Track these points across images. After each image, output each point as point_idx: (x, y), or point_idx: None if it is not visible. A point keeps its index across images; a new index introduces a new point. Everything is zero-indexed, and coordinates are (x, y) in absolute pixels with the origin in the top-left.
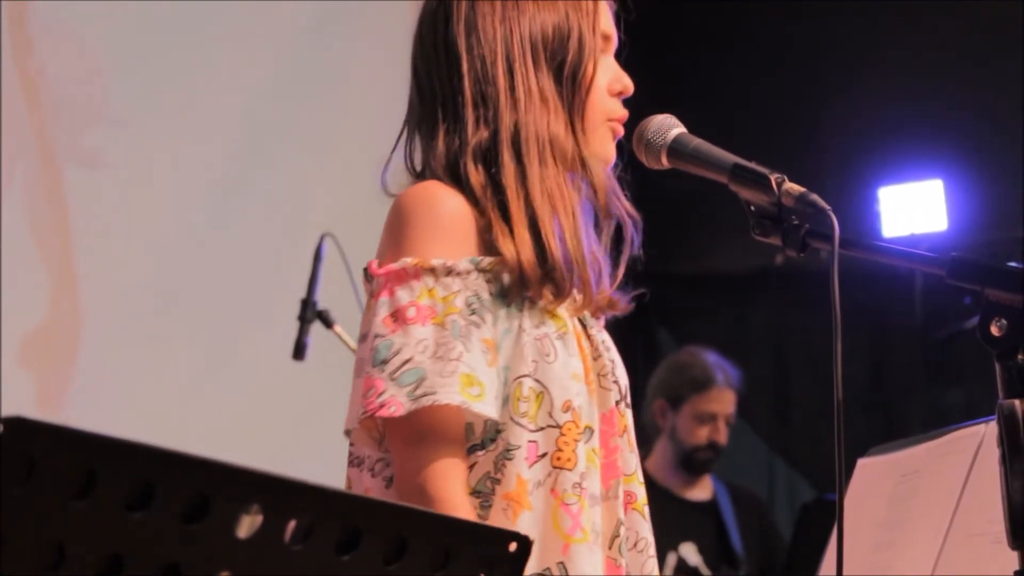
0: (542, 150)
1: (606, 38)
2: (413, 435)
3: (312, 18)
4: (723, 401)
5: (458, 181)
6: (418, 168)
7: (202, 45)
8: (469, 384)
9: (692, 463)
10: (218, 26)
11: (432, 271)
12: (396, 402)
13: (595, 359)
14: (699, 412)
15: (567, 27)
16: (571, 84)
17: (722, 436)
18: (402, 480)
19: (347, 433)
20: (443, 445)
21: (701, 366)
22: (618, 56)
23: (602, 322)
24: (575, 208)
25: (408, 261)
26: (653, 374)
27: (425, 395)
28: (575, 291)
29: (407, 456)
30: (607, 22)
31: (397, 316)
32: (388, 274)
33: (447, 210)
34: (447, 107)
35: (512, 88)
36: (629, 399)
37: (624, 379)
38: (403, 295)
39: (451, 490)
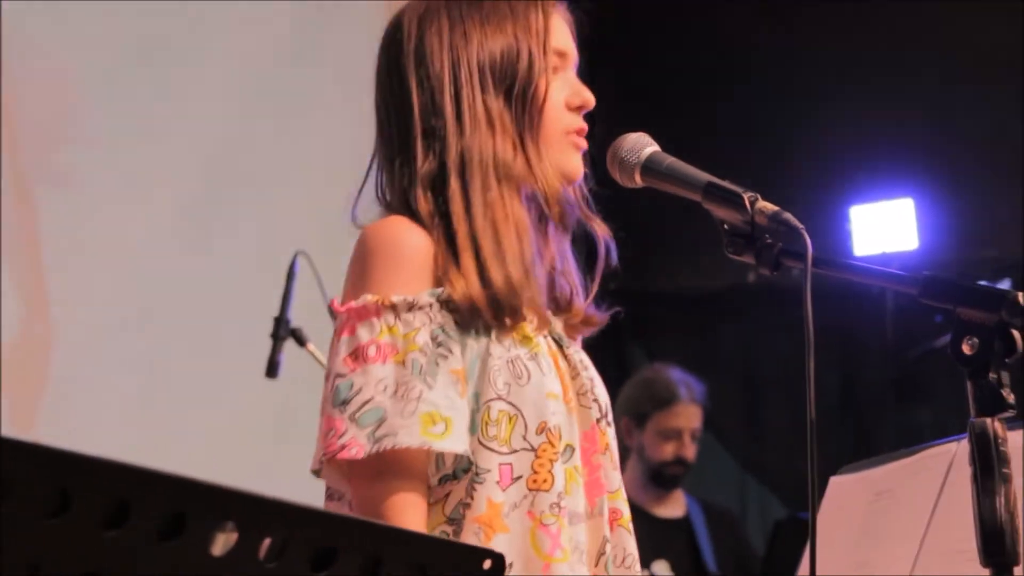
0: (485, 174)
1: (561, 55)
2: (373, 473)
3: (284, 39)
4: (687, 416)
5: (411, 211)
6: (388, 198)
7: (174, 65)
8: (431, 423)
9: (662, 478)
10: (190, 46)
11: (393, 308)
12: (357, 443)
13: (573, 378)
14: (663, 428)
15: (515, 49)
16: (521, 103)
17: (689, 451)
18: (361, 514)
19: (315, 473)
20: (402, 481)
21: (664, 382)
22: (585, 74)
23: (579, 342)
24: (521, 229)
25: (368, 298)
26: (620, 393)
27: (386, 436)
28: (528, 313)
29: (366, 493)
30: (561, 39)
31: (357, 355)
32: (349, 312)
33: (408, 245)
34: (401, 139)
35: (459, 115)
36: (611, 417)
37: (604, 397)
38: (363, 333)
39: (409, 523)
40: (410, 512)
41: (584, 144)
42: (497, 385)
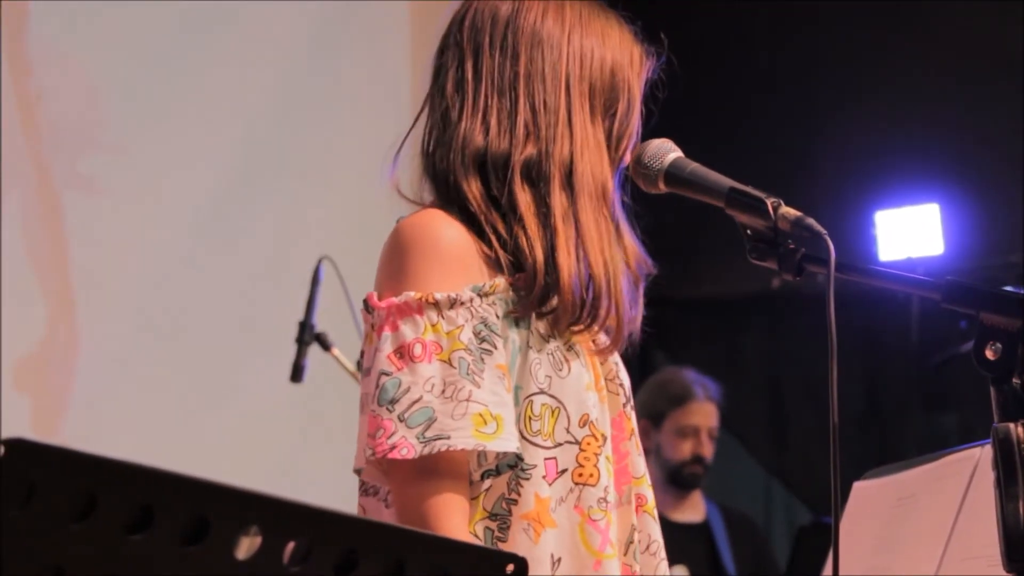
0: (600, 194)
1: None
2: (418, 473)
3: (308, 42)
4: (704, 414)
5: (482, 173)
6: (430, 149)
7: (199, 70)
8: (482, 423)
9: (680, 479)
10: (214, 51)
11: (435, 305)
12: (407, 444)
13: (602, 363)
14: (680, 426)
15: (623, 80)
16: (617, 147)
17: (706, 449)
18: (403, 514)
19: (357, 472)
20: (448, 481)
21: (679, 382)
22: None
23: None
24: (618, 260)
25: (411, 295)
26: (635, 396)
27: (438, 438)
28: (601, 331)
29: (410, 492)
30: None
31: (403, 353)
32: (390, 308)
33: (446, 240)
34: (485, 107)
35: (570, 122)
36: (633, 401)
37: (627, 381)
38: (407, 331)
39: (454, 525)
40: (457, 514)
41: None
42: (538, 378)
